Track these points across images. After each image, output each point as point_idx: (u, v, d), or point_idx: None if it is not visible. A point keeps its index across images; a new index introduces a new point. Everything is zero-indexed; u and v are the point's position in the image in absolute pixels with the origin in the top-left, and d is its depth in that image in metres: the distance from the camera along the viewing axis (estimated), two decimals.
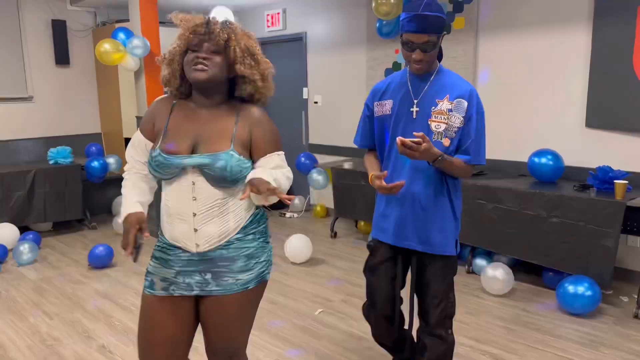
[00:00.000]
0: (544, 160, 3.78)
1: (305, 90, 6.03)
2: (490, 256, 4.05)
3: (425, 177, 2.01)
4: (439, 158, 1.90)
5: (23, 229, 4.96)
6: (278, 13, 6.14)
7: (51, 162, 5.25)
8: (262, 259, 1.76)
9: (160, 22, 5.18)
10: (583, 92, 3.85)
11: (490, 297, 3.60)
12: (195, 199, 1.65)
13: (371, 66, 5.23)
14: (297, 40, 6.09)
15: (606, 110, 3.73)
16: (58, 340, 3.07)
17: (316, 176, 5.26)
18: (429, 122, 1.98)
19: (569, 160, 3.85)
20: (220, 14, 5.43)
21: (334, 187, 4.98)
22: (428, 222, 2.04)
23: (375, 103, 2.12)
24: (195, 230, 1.66)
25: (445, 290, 2.11)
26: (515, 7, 4.14)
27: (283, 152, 1.78)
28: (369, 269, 2.22)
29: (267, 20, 6.29)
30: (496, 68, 4.33)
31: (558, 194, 3.45)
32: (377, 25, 4.91)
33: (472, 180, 3.90)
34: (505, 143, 4.34)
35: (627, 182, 3.29)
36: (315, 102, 5.95)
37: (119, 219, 1.88)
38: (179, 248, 1.70)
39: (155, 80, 5.09)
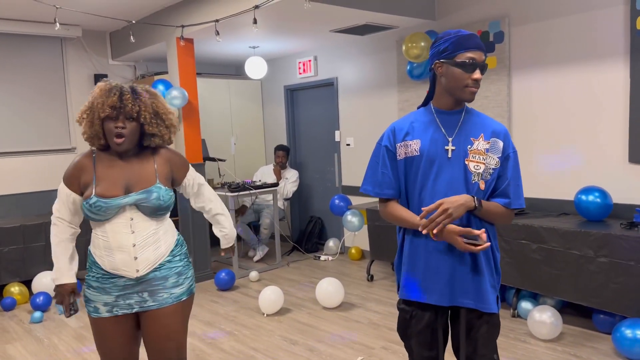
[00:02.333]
0: (591, 197, 3.65)
1: (337, 133, 6.09)
2: (536, 299, 3.89)
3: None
4: (476, 206, 1.76)
5: None
6: (309, 60, 6.29)
7: None
8: (189, 275, 2.14)
9: (197, 74, 5.38)
10: (624, 127, 3.76)
11: (538, 343, 3.44)
12: (133, 232, 1.99)
13: (402, 107, 5.26)
14: (329, 86, 6.20)
15: None
16: None
17: (350, 218, 5.23)
18: (467, 162, 1.81)
19: (614, 198, 3.72)
20: (254, 63, 5.61)
21: (369, 229, 4.93)
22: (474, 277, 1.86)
23: (399, 145, 1.89)
24: (135, 258, 1.99)
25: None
26: (547, 45, 4.13)
27: (190, 165, 2.24)
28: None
29: (299, 67, 6.45)
30: (531, 106, 4.29)
31: (605, 232, 3.32)
32: (408, 68, 4.98)
33: (513, 220, 3.80)
34: (544, 181, 4.24)
35: None
36: (348, 145, 5.99)
37: (52, 278, 2.12)
38: (117, 276, 2.01)
39: (195, 129, 5.25)
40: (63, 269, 2.07)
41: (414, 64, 4.89)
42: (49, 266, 4.90)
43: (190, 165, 2.23)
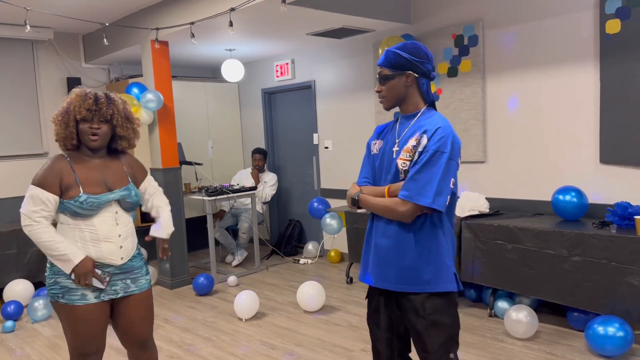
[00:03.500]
0: (568, 197, 3.72)
1: (315, 136, 6.09)
2: (512, 298, 3.95)
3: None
4: (357, 196, 2.00)
5: (38, 285, 4.95)
6: (287, 63, 6.29)
7: None
8: (147, 265, 2.47)
9: (173, 77, 5.32)
10: (595, 128, 3.85)
11: (514, 342, 3.49)
12: (118, 224, 2.26)
13: (380, 110, 5.29)
14: (306, 89, 6.21)
15: (620, 145, 3.71)
16: None
17: (329, 221, 5.24)
18: (398, 161, 1.94)
19: (588, 198, 3.80)
20: (231, 66, 5.58)
21: (348, 232, 4.94)
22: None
23: (372, 142, 2.12)
24: (121, 247, 2.27)
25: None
26: (521, 48, 4.20)
27: (149, 171, 2.53)
28: None
29: (277, 70, 6.44)
30: (505, 108, 4.36)
31: (578, 232, 3.38)
32: None
33: (488, 221, 3.85)
34: (519, 182, 4.31)
35: None
36: (326, 147, 6.00)
37: (68, 261, 2.16)
38: (101, 264, 2.22)
39: (170, 133, 5.19)
40: (73, 249, 2.17)
41: None
42: (21, 274, 4.81)
43: (148, 174, 2.50)
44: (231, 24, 4.08)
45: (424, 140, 1.87)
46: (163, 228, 2.48)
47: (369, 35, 5.28)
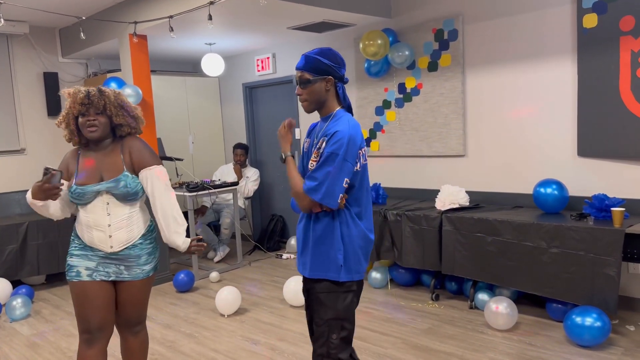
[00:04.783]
0: (549, 190, 3.77)
1: (297, 130, 6.08)
2: (492, 290, 4.00)
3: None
4: (284, 155, 2.16)
5: (16, 283, 4.86)
6: (268, 57, 6.25)
7: None
8: (156, 255, 2.50)
9: (152, 71, 5.25)
10: (573, 122, 3.90)
11: (494, 333, 3.53)
12: (109, 214, 2.33)
13: (361, 105, 5.30)
14: (288, 83, 6.18)
15: (597, 138, 3.77)
16: None
17: None
18: (310, 162, 2.11)
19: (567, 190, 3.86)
20: (211, 60, 5.53)
21: None
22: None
23: (305, 140, 2.31)
24: (110, 236, 2.33)
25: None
26: (500, 42, 4.24)
27: (161, 165, 2.42)
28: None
29: (258, 65, 6.40)
30: (484, 102, 4.40)
31: (556, 224, 3.43)
32: (366, 65, 5.01)
33: (468, 214, 3.89)
34: (498, 175, 4.35)
35: (624, 209, 3.29)
36: None
37: (31, 203, 2.32)
38: (96, 249, 2.35)
39: (150, 128, 5.12)
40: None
41: (371, 62, 4.92)
42: None
43: (154, 165, 2.38)
44: (210, 18, 4.04)
45: (324, 144, 2.06)
46: (180, 245, 2.43)
47: (349, 29, 5.28)
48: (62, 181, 2.29)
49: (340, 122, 2.08)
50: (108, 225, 2.33)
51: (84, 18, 4.90)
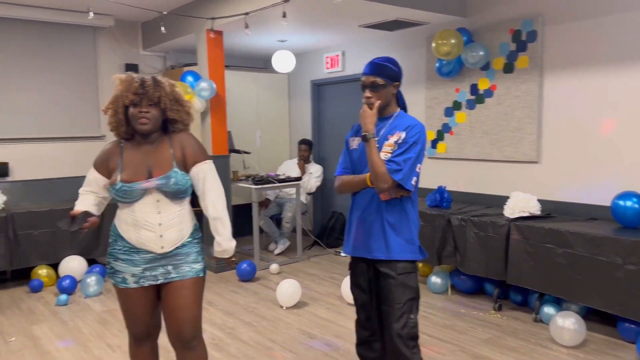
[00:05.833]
0: (629, 203, 3.54)
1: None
2: (559, 304, 3.82)
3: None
4: (368, 136, 2.24)
5: (90, 262, 5.18)
6: (337, 55, 6.28)
7: None
8: (204, 256, 2.34)
9: (225, 66, 5.42)
10: None
11: (559, 349, 3.38)
12: (159, 213, 2.17)
13: (430, 105, 5.21)
14: (356, 81, 6.18)
15: None
16: None
17: None
18: (380, 154, 2.28)
19: None
20: (282, 57, 5.62)
21: None
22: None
23: (350, 139, 2.49)
24: (161, 236, 2.18)
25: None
26: (583, 45, 4.03)
27: (211, 160, 2.30)
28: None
29: (327, 62, 6.44)
30: (562, 107, 4.20)
31: (634, 239, 3.23)
32: (437, 65, 4.92)
33: (539, 223, 3.74)
34: (573, 185, 4.15)
35: None
36: None
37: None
38: (143, 250, 2.18)
39: (221, 121, 5.29)
40: (79, 205, 2.23)
41: (443, 61, 4.83)
42: (76, 250, 5.04)
43: (207, 160, 2.26)
44: (284, 15, 4.11)
45: (403, 135, 2.28)
46: (223, 249, 2.29)
47: (422, 28, 5.20)
48: (104, 181, 2.21)
49: (411, 119, 2.35)
50: (159, 225, 2.16)
51: (165, 13, 5.12)
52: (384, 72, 2.30)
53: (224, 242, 2.29)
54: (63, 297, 4.37)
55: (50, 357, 3.37)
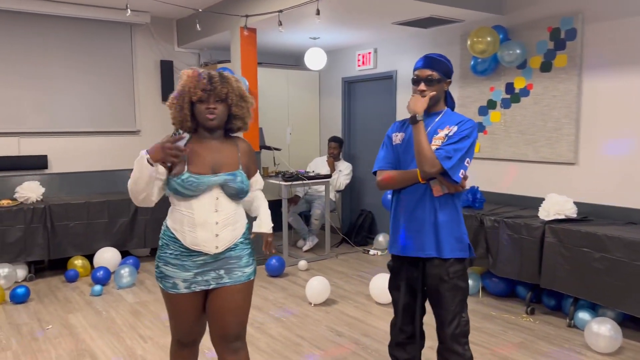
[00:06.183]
0: None
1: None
2: (594, 310, 3.72)
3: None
4: (418, 117, 2.22)
5: (124, 254, 5.30)
6: (369, 52, 6.24)
7: None
8: (254, 257, 2.29)
9: (258, 63, 5.45)
10: None
11: (594, 355, 3.29)
12: (217, 211, 2.13)
13: (463, 104, 5.13)
14: (387, 79, 6.14)
15: None
16: None
17: None
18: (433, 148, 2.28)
19: None
20: (314, 54, 5.62)
21: None
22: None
23: (393, 134, 2.44)
24: (217, 235, 2.12)
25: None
26: (625, 45, 3.90)
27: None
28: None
29: (359, 60, 6.41)
30: (602, 107, 4.08)
31: None
32: (472, 63, 4.85)
33: (575, 226, 3.64)
34: (611, 188, 4.03)
35: None
36: None
37: (143, 166, 2.03)
38: (196, 252, 2.12)
39: (253, 117, 5.32)
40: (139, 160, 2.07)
41: (478, 59, 4.75)
42: (110, 242, 5.16)
43: (258, 171, 2.39)
44: (318, 12, 4.10)
45: (455, 128, 2.25)
46: (264, 223, 2.36)
47: (456, 25, 5.12)
48: (161, 169, 2.10)
49: (461, 116, 2.33)
50: (215, 223, 2.12)
51: (200, 10, 5.19)
52: (440, 67, 2.29)
53: (266, 218, 2.36)
54: (97, 287, 4.48)
55: (85, 345, 3.46)
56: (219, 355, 2.23)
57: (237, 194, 2.17)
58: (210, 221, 2.11)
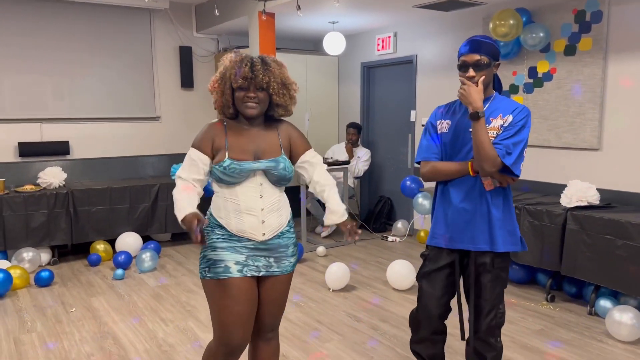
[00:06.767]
0: None
1: (413, 112, 5.97)
2: (616, 298, 3.67)
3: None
4: (480, 114, 2.09)
5: (145, 239, 5.37)
6: (389, 37, 6.17)
7: (173, 177, 5.64)
8: (297, 246, 2.25)
9: (276, 48, 5.43)
10: None
11: (616, 344, 3.25)
12: (262, 197, 2.09)
13: None
14: (407, 63, 6.06)
15: None
16: (172, 347, 3.25)
17: (422, 200, 5.14)
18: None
19: None
20: (333, 39, 5.57)
21: None
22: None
23: (438, 122, 2.32)
24: (263, 222, 2.08)
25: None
26: None
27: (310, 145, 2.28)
28: None
29: (378, 44, 6.34)
30: (628, 92, 3.97)
31: None
32: None
33: (598, 213, 3.58)
34: (636, 174, 3.94)
35: None
36: (423, 125, 5.85)
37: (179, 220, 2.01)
38: (244, 239, 2.08)
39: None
40: (182, 205, 2.02)
41: (500, 43, 4.66)
42: (132, 227, 5.24)
43: (311, 148, 2.26)
44: None
45: (510, 118, 2.15)
46: (334, 212, 2.20)
47: (479, 8, 5.02)
48: (205, 159, 2.08)
49: (513, 102, 2.22)
50: (261, 209, 2.07)
51: None
52: (488, 50, 2.14)
53: (335, 206, 2.20)
54: (119, 271, 4.57)
55: (108, 328, 3.54)
56: (252, 343, 2.23)
57: (279, 181, 2.12)
58: (256, 207, 2.07)
